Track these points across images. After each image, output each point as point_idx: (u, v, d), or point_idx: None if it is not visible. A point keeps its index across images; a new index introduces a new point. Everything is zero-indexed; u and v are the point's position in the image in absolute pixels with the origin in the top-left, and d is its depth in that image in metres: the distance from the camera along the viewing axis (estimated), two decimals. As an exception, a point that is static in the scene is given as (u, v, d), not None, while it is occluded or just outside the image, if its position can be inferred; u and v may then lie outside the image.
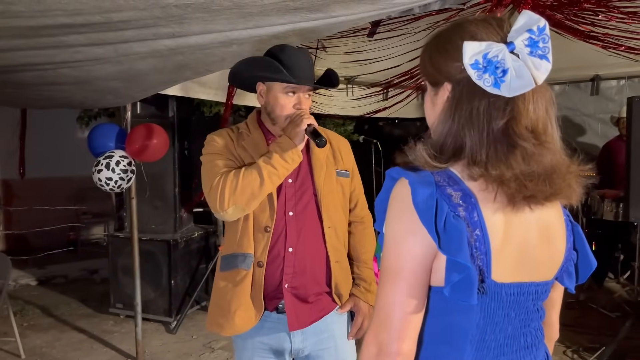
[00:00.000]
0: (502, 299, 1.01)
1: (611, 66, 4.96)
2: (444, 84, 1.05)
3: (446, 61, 1.03)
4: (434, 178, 0.98)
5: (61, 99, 3.53)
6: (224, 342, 4.27)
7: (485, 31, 1.00)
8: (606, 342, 3.85)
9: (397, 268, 0.98)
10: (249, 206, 1.81)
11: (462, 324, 1.00)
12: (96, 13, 1.66)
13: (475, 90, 0.98)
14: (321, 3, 1.83)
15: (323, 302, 1.93)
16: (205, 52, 2.45)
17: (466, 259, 0.94)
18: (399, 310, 0.97)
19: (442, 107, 1.05)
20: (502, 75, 0.95)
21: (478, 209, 0.97)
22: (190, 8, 1.70)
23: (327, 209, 1.91)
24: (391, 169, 1.05)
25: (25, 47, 2.19)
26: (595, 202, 5.01)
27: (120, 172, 3.44)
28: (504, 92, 0.95)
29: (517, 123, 0.97)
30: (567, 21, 2.58)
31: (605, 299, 5.03)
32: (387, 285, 0.99)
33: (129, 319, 4.62)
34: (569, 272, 1.12)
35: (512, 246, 1.00)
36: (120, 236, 4.85)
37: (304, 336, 1.91)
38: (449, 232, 0.95)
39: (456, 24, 1.07)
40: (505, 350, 1.04)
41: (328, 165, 1.94)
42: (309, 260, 1.89)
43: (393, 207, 1.01)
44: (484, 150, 0.97)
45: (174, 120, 4.73)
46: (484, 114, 0.98)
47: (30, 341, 4.29)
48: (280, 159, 1.79)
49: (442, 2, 2.32)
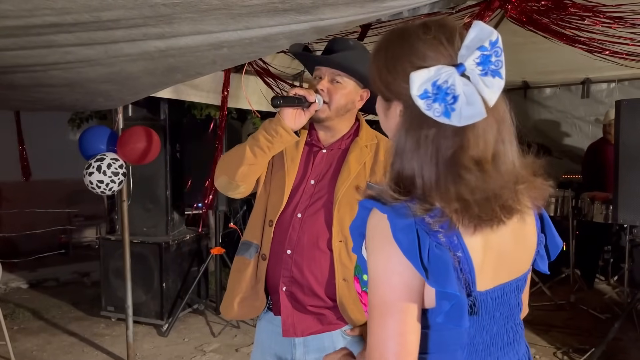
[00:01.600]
0: (488, 304, 1.02)
1: (601, 69, 5.00)
2: (394, 101, 1.03)
3: (396, 81, 1.00)
4: (409, 208, 0.95)
5: (52, 101, 3.52)
6: (215, 345, 4.27)
7: (434, 51, 0.96)
8: (596, 343, 3.88)
9: (389, 300, 0.96)
10: (235, 177, 1.78)
11: (455, 336, 1.01)
12: (85, 12, 1.66)
13: (424, 118, 0.94)
14: (310, 5, 1.84)
15: (329, 317, 1.79)
16: (196, 54, 2.46)
17: (454, 288, 0.93)
18: (400, 340, 0.95)
19: (394, 120, 1.03)
20: (452, 102, 0.91)
21: (456, 231, 0.96)
22: (179, 7, 1.71)
23: (340, 221, 1.73)
24: (364, 200, 1.02)
25: (15, 47, 2.19)
26: (586, 204, 5.05)
27: (112, 175, 3.43)
28: (454, 121, 0.91)
29: (464, 153, 0.94)
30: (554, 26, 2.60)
31: (595, 300, 5.06)
32: (381, 319, 0.97)
33: (120, 322, 4.61)
34: (541, 255, 1.14)
35: (491, 256, 1.01)
36: (111, 239, 4.85)
37: (306, 349, 1.80)
38: (433, 264, 0.93)
39: (405, 37, 1.01)
40: (492, 349, 1.06)
41: (359, 175, 1.77)
42: (308, 269, 1.76)
43: (374, 241, 0.99)
44: (434, 178, 0.95)
45: (165, 123, 4.74)
46: (432, 142, 0.95)
47: (21, 345, 4.27)
48: (264, 131, 1.75)
49: (431, 6, 2.34)
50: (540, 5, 2.49)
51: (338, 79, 1.77)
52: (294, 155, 1.83)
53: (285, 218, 1.79)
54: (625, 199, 3.72)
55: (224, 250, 4.78)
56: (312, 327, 1.78)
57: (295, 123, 1.74)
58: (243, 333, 4.50)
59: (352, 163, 1.78)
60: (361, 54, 1.81)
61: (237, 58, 2.62)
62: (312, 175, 1.81)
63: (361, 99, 1.83)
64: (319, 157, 1.84)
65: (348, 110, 1.82)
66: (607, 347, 3.78)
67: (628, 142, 3.70)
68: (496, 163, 0.97)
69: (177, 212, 4.95)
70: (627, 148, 3.71)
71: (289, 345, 1.80)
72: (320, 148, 1.86)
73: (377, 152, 1.82)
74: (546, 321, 4.42)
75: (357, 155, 1.79)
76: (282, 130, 1.72)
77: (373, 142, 1.84)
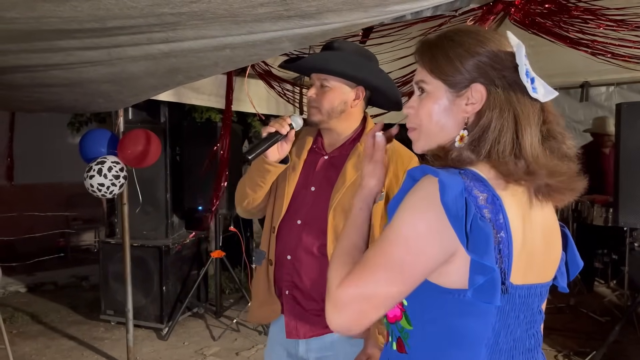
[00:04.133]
0: (514, 301, 1.01)
1: (600, 72, 5.00)
2: (472, 85, 1.04)
3: (481, 63, 1.04)
4: (462, 178, 0.96)
5: (51, 102, 3.51)
6: (215, 348, 4.26)
7: (505, 41, 1.06)
8: (596, 346, 3.88)
9: (398, 261, 0.95)
10: (246, 208, 1.93)
11: (477, 328, 0.99)
12: (92, 20, 1.66)
13: (517, 94, 1.02)
14: (314, 11, 1.84)
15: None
16: (198, 55, 2.45)
17: (492, 261, 0.93)
18: (382, 299, 0.97)
19: (463, 109, 1.05)
20: (532, 82, 1.01)
21: (503, 211, 0.97)
22: (185, 16, 1.71)
23: (335, 228, 1.76)
24: (414, 168, 1.01)
25: (18, 50, 2.18)
26: (585, 207, 5.05)
27: (112, 178, 3.43)
28: (540, 97, 1.01)
29: (553, 126, 1.04)
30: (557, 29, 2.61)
31: (596, 303, 5.07)
32: (374, 269, 0.97)
33: (120, 325, 4.60)
34: (562, 271, 1.14)
35: (526, 249, 1.01)
36: (111, 242, 4.83)
37: (308, 347, 1.85)
38: (475, 234, 0.93)
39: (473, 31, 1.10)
40: (514, 353, 1.04)
41: (355, 182, 1.76)
42: (305, 274, 1.80)
43: (414, 198, 0.97)
44: (539, 150, 1.01)
45: (165, 126, 4.74)
46: (532, 116, 1.03)
47: (20, 349, 4.25)
48: (255, 169, 1.86)
49: (434, 9, 2.34)
50: (544, 8, 2.50)
51: (325, 83, 1.81)
52: (295, 164, 1.87)
53: (286, 224, 1.83)
54: (626, 202, 3.73)
55: (224, 253, 4.77)
56: (314, 330, 1.82)
57: (280, 154, 1.83)
58: (243, 337, 4.49)
59: (349, 170, 1.79)
60: (347, 55, 1.83)
61: (239, 60, 2.61)
62: (313, 182, 1.84)
63: (357, 98, 1.83)
64: (320, 164, 1.87)
65: (342, 111, 1.82)
66: (608, 350, 3.78)
67: (629, 145, 3.71)
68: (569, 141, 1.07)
69: (177, 215, 4.94)
70: (627, 151, 3.72)
71: (294, 343, 1.88)
72: (323, 155, 1.88)
73: None
74: (546, 324, 4.33)
75: (355, 162, 1.79)
76: (269, 167, 1.82)
77: None
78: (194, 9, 1.66)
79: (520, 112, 1.01)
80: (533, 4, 2.51)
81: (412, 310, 1.05)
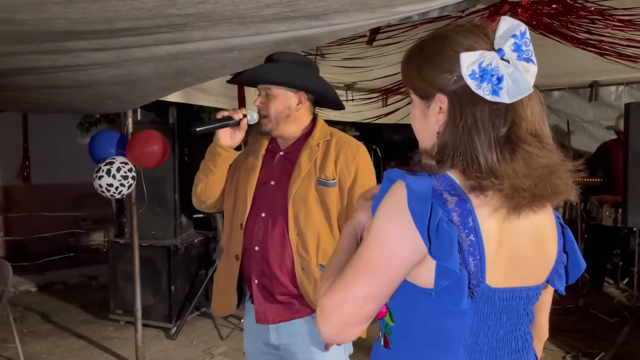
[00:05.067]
0: (494, 303, 1.02)
1: (609, 72, 4.97)
2: (437, 95, 1.05)
3: (438, 73, 1.04)
4: (431, 182, 0.99)
5: (61, 104, 3.54)
6: (223, 348, 4.27)
7: (474, 40, 1.02)
8: (605, 347, 3.87)
9: (374, 263, 0.99)
10: (197, 193, 2.08)
11: (454, 328, 1.01)
12: (100, 22, 1.68)
13: (475, 99, 0.99)
14: (321, 12, 1.85)
15: (298, 305, 1.98)
16: (206, 57, 2.47)
17: (455, 265, 0.95)
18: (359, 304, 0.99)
19: (434, 118, 1.06)
20: (498, 82, 0.97)
21: (473, 215, 0.98)
22: (192, 17, 1.72)
23: (295, 216, 1.93)
24: (389, 171, 1.05)
25: (27, 52, 2.21)
26: (594, 207, 5.02)
27: (121, 179, 3.45)
28: (504, 98, 0.97)
29: (519, 128, 1.00)
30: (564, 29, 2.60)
31: (605, 304, 5.03)
32: (355, 274, 1.00)
33: (129, 325, 4.62)
34: (559, 274, 1.14)
35: (505, 252, 1.01)
36: (120, 242, 4.86)
37: (279, 334, 2.00)
38: (440, 237, 0.95)
39: (440, 35, 1.07)
40: (498, 353, 1.05)
41: (310, 172, 1.96)
42: (273, 262, 1.96)
43: (387, 204, 1.01)
44: (494, 156, 0.98)
45: (174, 126, 4.76)
46: (488, 122, 1.00)
47: (30, 347, 4.29)
48: (208, 151, 2.04)
49: (440, 10, 2.34)
50: (551, 9, 2.50)
51: (269, 92, 1.98)
52: (254, 164, 2.04)
53: (252, 219, 2.00)
54: (635, 202, 3.71)
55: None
56: (282, 315, 1.99)
57: (232, 140, 1.99)
58: (251, 336, 4.50)
59: (303, 161, 1.97)
60: (285, 65, 2.01)
61: (246, 62, 2.63)
62: (272, 177, 2.01)
63: (300, 102, 2.00)
64: (276, 160, 2.04)
65: (288, 116, 1.99)
66: (617, 352, 3.76)
67: (638, 146, 3.69)
68: (546, 138, 1.03)
69: (185, 215, 4.96)
70: (636, 151, 3.70)
71: (265, 331, 2.02)
72: (278, 152, 2.06)
73: (328, 148, 1.99)
74: (555, 325, 4.33)
75: (308, 153, 1.98)
76: (220, 149, 1.99)
77: (325, 139, 2.01)
78: (201, 10, 1.68)
79: (474, 121, 1.00)
80: (540, 4, 2.50)
81: (393, 307, 1.09)
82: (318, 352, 1.97)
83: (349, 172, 1.96)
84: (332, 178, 1.95)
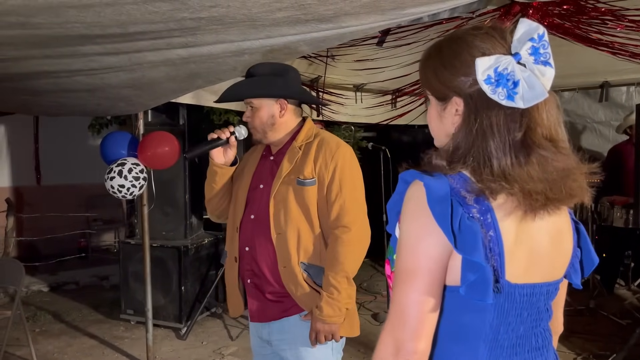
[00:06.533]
0: (515, 299, 1.03)
1: (620, 72, 4.94)
2: (453, 98, 1.06)
3: (454, 76, 1.04)
4: (448, 180, 1.00)
5: (75, 106, 3.58)
6: (233, 348, 4.29)
7: (491, 44, 1.02)
8: (617, 349, 3.84)
9: (413, 268, 0.99)
10: (208, 209, 2.23)
11: (476, 324, 1.02)
12: (114, 25, 1.70)
13: (490, 104, 1.00)
14: (331, 15, 1.86)
15: (287, 304, 2.06)
16: (217, 61, 2.49)
17: (481, 258, 0.96)
18: (415, 310, 0.98)
19: (450, 120, 1.07)
20: (513, 87, 0.97)
21: (491, 211, 0.99)
22: (205, 20, 1.74)
23: (276, 216, 2.03)
24: (405, 172, 1.06)
25: (42, 56, 2.24)
26: (605, 208, 4.99)
27: (133, 180, 3.47)
28: (519, 104, 0.97)
29: (534, 133, 1.00)
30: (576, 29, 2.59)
31: (616, 306, 5.00)
32: (403, 285, 1.00)
33: (140, 325, 4.65)
34: (575, 268, 1.15)
35: (523, 248, 1.02)
36: (131, 243, 4.89)
37: (270, 330, 2.10)
38: (463, 233, 0.96)
39: (457, 38, 1.07)
40: (518, 350, 1.06)
41: (290, 173, 2.05)
42: (261, 261, 2.06)
43: (408, 208, 1.03)
44: (508, 160, 0.99)
45: (184, 128, 4.78)
46: (503, 126, 1.00)
47: (42, 347, 4.33)
48: (208, 172, 2.15)
49: (451, 11, 2.34)
50: (562, 9, 2.49)
51: (252, 105, 2.09)
52: (249, 170, 2.16)
53: (245, 221, 2.12)
54: (647, 204, 3.68)
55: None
56: (272, 314, 2.08)
57: (225, 158, 2.13)
58: (261, 337, 4.51)
59: (285, 164, 2.06)
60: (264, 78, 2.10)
61: (257, 65, 2.65)
62: (262, 181, 2.12)
63: (282, 109, 2.09)
64: (267, 164, 2.15)
65: (273, 124, 2.09)
66: (628, 353, 3.74)
67: (649, 146, 3.67)
68: (562, 142, 1.03)
69: (195, 216, 4.99)
70: (648, 152, 3.67)
71: (260, 327, 2.14)
72: (270, 157, 2.16)
73: (309, 149, 2.06)
74: (566, 327, 4.31)
75: (290, 156, 2.07)
76: (216, 168, 2.12)
77: (309, 140, 2.09)
78: (213, 13, 1.69)
79: (489, 124, 1.00)
80: (551, 5, 2.50)
81: None
82: (305, 350, 2.04)
83: (327, 170, 2.02)
84: (311, 177, 2.03)
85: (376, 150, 4.79)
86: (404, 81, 4.74)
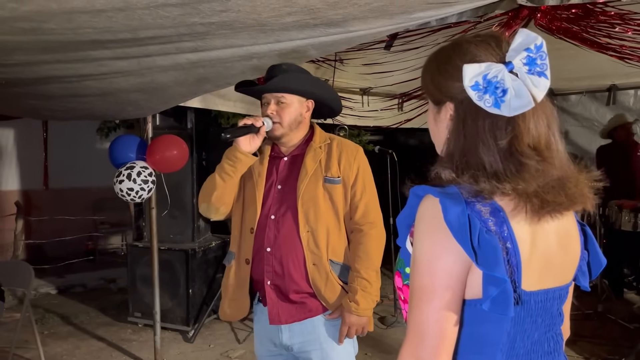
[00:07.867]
0: (530, 307, 1.03)
1: (628, 76, 4.92)
2: (446, 103, 1.08)
3: (447, 81, 1.06)
4: (461, 194, 0.99)
5: (84, 110, 3.61)
6: (241, 351, 4.30)
7: (484, 51, 1.03)
8: (625, 353, 3.82)
9: (431, 286, 0.98)
10: (212, 201, 2.08)
11: (493, 334, 1.02)
12: (125, 30, 1.72)
13: (478, 110, 1.00)
14: (340, 19, 1.87)
15: (310, 305, 2.04)
16: (226, 65, 2.51)
17: (503, 272, 0.96)
18: (435, 328, 0.98)
19: (444, 124, 1.08)
20: (502, 95, 0.98)
21: (507, 223, 0.99)
22: (215, 25, 1.75)
23: (305, 214, 2.02)
24: (416, 187, 1.05)
25: (52, 61, 2.26)
26: (613, 212, 4.97)
27: (141, 183, 3.49)
28: (504, 111, 0.98)
29: (519, 141, 1.00)
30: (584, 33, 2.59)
31: (624, 310, 4.97)
32: (420, 304, 0.99)
33: (147, 327, 4.67)
34: (583, 271, 1.15)
35: (538, 255, 1.02)
36: (139, 246, 4.91)
37: (291, 334, 2.05)
38: (483, 248, 0.96)
39: (455, 44, 1.09)
40: (532, 356, 1.06)
41: (316, 172, 2.05)
42: (286, 261, 2.02)
43: (423, 225, 1.02)
44: (501, 165, 0.99)
45: (192, 131, 4.80)
46: (489, 132, 1.01)
47: (51, 349, 4.35)
48: (226, 158, 2.06)
49: (459, 16, 2.35)
50: (570, 13, 2.49)
51: (282, 100, 2.05)
52: (260, 170, 2.12)
53: (262, 222, 2.07)
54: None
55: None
56: (295, 315, 2.04)
57: (251, 146, 2.05)
58: (268, 340, 4.52)
59: (309, 162, 2.06)
60: (296, 74, 2.09)
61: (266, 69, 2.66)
62: (278, 181, 2.10)
63: (308, 109, 2.11)
64: (281, 165, 2.13)
65: (299, 122, 2.09)
66: (637, 358, 3.72)
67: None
68: (551, 152, 1.02)
69: (202, 219, 5.00)
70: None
71: (277, 332, 2.07)
72: (282, 157, 2.14)
73: (330, 149, 2.09)
74: (574, 331, 4.27)
75: (313, 155, 2.07)
76: (240, 155, 2.03)
77: (326, 142, 2.12)
78: (224, 18, 1.71)
79: (475, 130, 1.01)
80: (559, 9, 2.50)
81: None
82: (331, 349, 2.03)
83: (351, 170, 2.07)
84: (337, 176, 2.06)
85: (383, 153, 4.79)
86: (411, 85, 4.74)
